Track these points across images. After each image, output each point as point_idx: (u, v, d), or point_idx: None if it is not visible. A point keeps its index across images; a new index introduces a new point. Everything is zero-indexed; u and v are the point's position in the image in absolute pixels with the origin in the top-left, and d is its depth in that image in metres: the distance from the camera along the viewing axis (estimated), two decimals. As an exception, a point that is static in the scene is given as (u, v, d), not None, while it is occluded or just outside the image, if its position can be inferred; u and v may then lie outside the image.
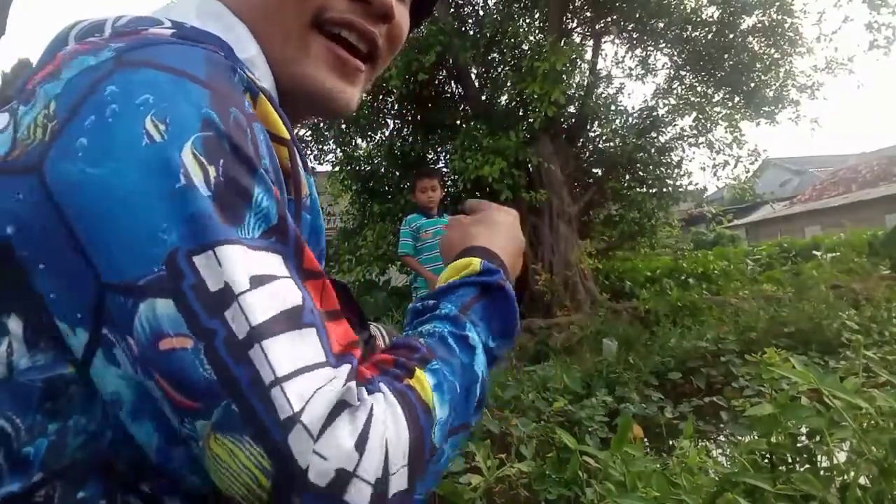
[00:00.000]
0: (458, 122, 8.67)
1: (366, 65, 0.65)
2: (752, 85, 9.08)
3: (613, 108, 9.50)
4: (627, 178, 9.61)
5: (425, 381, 0.47)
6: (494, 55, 9.08)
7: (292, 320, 0.42)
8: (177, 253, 0.40)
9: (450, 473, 1.90)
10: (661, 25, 9.10)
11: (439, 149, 8.97)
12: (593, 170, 9.73)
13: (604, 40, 9.47)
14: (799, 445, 1.37)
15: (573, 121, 9.05)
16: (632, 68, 10.02)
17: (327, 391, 0.40)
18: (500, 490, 2.00)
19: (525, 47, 8.68)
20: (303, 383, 0.40)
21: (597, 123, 9.31)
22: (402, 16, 0.67)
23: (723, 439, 3.59)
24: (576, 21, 9.27)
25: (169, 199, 0.41)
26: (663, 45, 9.55)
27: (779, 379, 1.40)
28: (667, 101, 9.68)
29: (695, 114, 9.38)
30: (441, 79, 8.95)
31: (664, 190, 9.59)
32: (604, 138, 9.37)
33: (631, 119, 9.64)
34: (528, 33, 9.06)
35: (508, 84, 8.65)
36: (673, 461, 1.69)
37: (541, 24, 9.15)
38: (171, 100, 0.43)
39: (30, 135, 0.44)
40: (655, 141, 9.55)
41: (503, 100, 8.97)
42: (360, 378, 0.44)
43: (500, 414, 2.73)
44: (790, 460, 1.37)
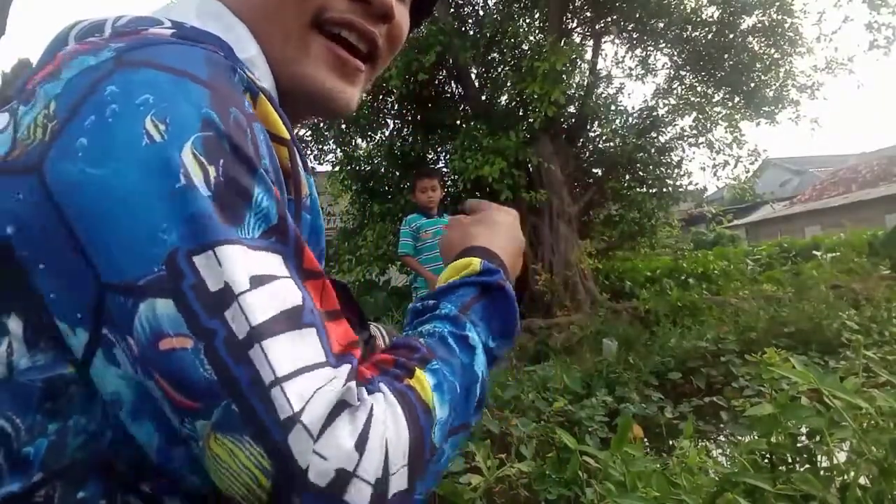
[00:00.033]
0: (458, 122, 8.66)
1: (366, 65, 0.65)
2: (752, 85, 9.08)
3: (613, 108, 9.51)
4: (627, 178, 9.61)
5: (425, 381, 0.47)
6: (494, 55, 9.08)
7: (292, 320, 0.42)
8: (177, 253, 0.40)
9: (450, 473, 1.90)
10: (661, 25, 9.10)
11: (439, 149, 8.97)
12: (593, 170, 9.73)
13: (604, 40, 9.48)
14: (799, 445, 1.37)
15: (573, 121, 9.05)
16: (632, 68, 10.04)
17: (327, 391, 0.40)
18: (500, 490, 1.99)
19: (525, 47, 8.68)
20: (303, 383, 0.40)
21: (597, 123, 9.31)
22: (402, 16, 0.67)
23: (723, 439, 3.59)
24: (576, 21, 9.27)
25: (169, 199, 0.41)
26: (663, 45, 9.55)
27: (779, 379, 1.40)
28: (667, 101, 9.69)
29: (695, 114, 9.39)
30: (441, 79, 8.95)
31: (664, 190, 9.59)
32: (604, 138, 9.38)
33: (631, 119, 9.65)
34: (528, 33, 9.06)
35: (508, 84, 8.65)
36: (673, 461, 1.69)
37: (541, 24, 9.15)
38: (171, 100, 0.43)
39: (30, 135, 0.44)
40: (655, 141, 9.55)
41: (503, 100, 8.97)
42: (360, 378, 0.44)
43: (500, 414, 2.73)
44: (790, 460, 1.37)
